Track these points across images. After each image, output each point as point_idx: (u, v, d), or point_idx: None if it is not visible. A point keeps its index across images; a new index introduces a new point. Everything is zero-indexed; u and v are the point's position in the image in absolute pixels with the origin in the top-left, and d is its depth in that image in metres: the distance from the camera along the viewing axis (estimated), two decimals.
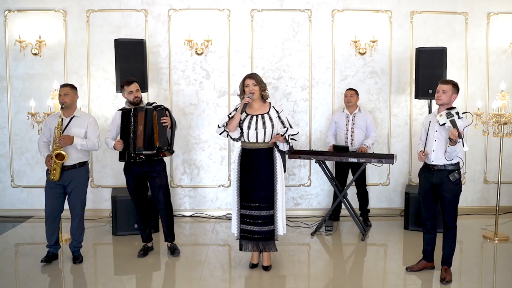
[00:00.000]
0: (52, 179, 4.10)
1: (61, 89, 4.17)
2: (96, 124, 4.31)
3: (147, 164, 4.31)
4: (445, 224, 3.86)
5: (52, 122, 4.20)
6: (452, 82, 3.82)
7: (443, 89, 3.78)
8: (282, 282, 3.92)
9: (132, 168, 4.34)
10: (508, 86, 5.42)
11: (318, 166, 5.22)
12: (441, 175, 3.81)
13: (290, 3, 5.77)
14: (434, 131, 3.83)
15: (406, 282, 3.92)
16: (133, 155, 4.25)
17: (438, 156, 3.80)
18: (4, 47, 5.68)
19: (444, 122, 3.68)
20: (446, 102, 3.78)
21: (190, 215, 5.87)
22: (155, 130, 4.24)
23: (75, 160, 4.16)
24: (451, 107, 3.77)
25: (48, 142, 4.23)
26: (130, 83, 4.30)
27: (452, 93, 3.78)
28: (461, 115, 3.70)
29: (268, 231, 3.99)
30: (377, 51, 5.80)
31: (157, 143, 4.23)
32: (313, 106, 5.87)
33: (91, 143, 4.18)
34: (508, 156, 5.96)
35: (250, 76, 3.97)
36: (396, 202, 5.98)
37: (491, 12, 5.87)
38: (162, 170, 4.41)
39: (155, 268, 4.25)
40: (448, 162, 3.77)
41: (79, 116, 4.23)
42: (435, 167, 3.83)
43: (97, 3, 5.68)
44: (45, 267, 4.18)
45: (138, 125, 4.23)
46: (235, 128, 3.93)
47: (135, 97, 4.29)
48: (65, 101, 4.11)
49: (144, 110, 4.26)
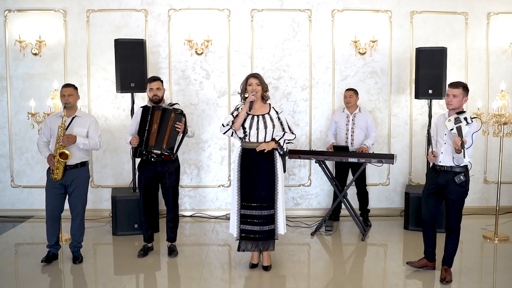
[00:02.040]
0: (54, 178, 4.09)
1: (64, 89, 4.17)
2: (97, 123, 4.33)
3: (160, 164, 4.33)
4: (448, 226, 3.84)
5: (52, 122, 4.20)
6: (462, 84, 3.73)
7: (454, 94, 3.70)
8: (282, 282, 3.92)
9: (146, 166, 4.37)
10: (508, 86, 5.42)
11: (318, 166, 5.22)
12: (447, 176, 3.79)
13: (290, 3, 5.77)
14: (444, 134, 3.80)
15: (406, 282, 3.92)
16: (144, 152, 4.27)
17: (446, 158, 3.78)
18: (4, 47, 5.68)
19: (452, 128, 3.64)
20: (456, 107, 3.72)
21: (190, 215, 5.87)
22: (167, 131, 4.26)
23: (77, 160, 4.16)
24: (461, 111, 3.71)
25: (48, 142, 4.23)
26: (152, 80, 4.37)
27: (463, 96, 3.71)
28: (469, 120, 3.65)
29: (269, 231, 3.99)
30: (377, 51, 5.80)
31: (164, 145, 4.25)
32: (313, 106, 5.87)
33: (93, 142, 4.19)
34: (508, 156, 5.96)
35: (254, 76, 4.01)
36: (396, 202, 5.98)
37: (491, 12, 5.87)
38: (174, 171, 4.42)
39: (155, 268, 4.25)
40: (455, 164, 3.75)
41: (80, 116, 4.24)
42: (442, 168, 3.81)
43: (97, 3, 5.68)
44: (45, 267, 4.17)
45: (154, 123, 4.27)
46: (239, 126, 3.95)
47: (154, 95, 4.33)
48: (69, 101, 4.12)
49: (162, 110, 4.28)
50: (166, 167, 4.35)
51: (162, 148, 4.24)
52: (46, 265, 4.20)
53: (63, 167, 4.09)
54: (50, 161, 4.09)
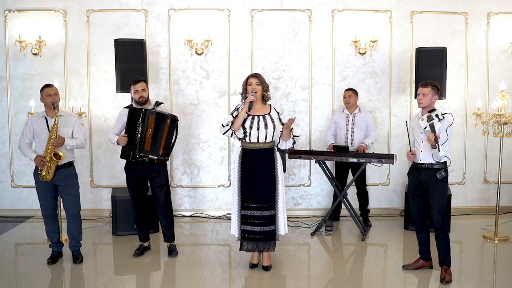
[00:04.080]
0: (46, 178, 4.07)
1: (49, 88, 4.12)
2: (80, 122, 4.35)
3: (147, 164, 4.32)
4: (434, 226, 3.87)
5: (34, 123, 4.16)
6: (431, 83, 3.86)
7: (423, 93, 3.83)
8: (282, 282, 3.92)
9: (133, 167, 4.35)
10: (508, 86, 5.42)
11: (318, 166, 5.22)
12: (428, 173, 3.85)
13: (290, 3, 5.77)
14: (420, 133, 3.90)
15: (406, 282, 3.92)
16: (137, 156, 4.25)
17: (426, 156, 3.87)
18: (4, 47, 5.68)
19: (426, 126, 3.76)
20: (427, 105, 3.84)
21: (190, 215, 5.87)
22: (163, 138, 4.25)
23: (65, 160, 4.15)
24: (432, 109, 3.83)
25: (30, 143, 4.20)
26: (136, 82, 4.30)
27: (433, 95, 3.82)
28: (441, 116, 3.75)
29: (269, 231, 3.99)
30: (377, 51, 5.80)
31: (161, 151, 4.26)
32: (313, 106, 5.88)
33: (79, 141, 4.20)
34: (508, 156, 5.96)
35: (254, 75, 4.00)
36: (396, 202, 5.98)
37: (491, 12, 5.87)
38: (163, 170, 4.41)
39: (155, 268, 4.25)
40: (435, 161, 3.82)
41: (63, 115, 4.21)
42: (423, 166, 3.88)
43: (97, 3, 5.68)
44: (45, 267, 4.17)
45: (148, 127, 4.23)
46: (239, 127, 3.94)
47: (140, 96, 4.28)
48: (56, 100, 4.09)
49: (156, 114, 4.25)
50: (154, 167, 4.34)
51: (159, 154, 4.25)
52: (47, 265, 4.19)
53: (55, 166, 4.07)
54: (41, 162, 4.03)
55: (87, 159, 5.80)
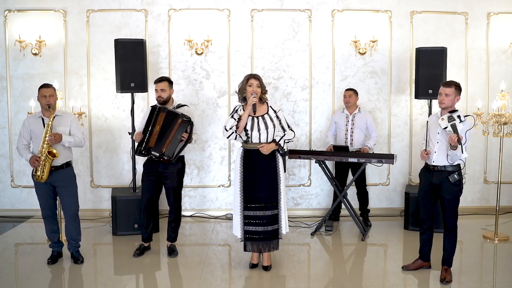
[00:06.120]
0: (41, 179, 4.05)
1: (45, 89, 4.08)
2: (78, 121, 4.34)
3: (162, 164, 4.33)
4: (445, 226, 3.86)
5: (31, 123, 4.15)
6: (454, 83, 3.76)
7: (446, 93, 3.72)
8: (282, 282, 3.92)
9: (149, 165, 4.40)
10: (508, 86, 5.42)
11: (318, 166, 5.22)
12: (440, 176, 3.80)
13: (290, 3, 5.77)
14: (437, 133, 3.81)
15: (405, 282, 3.92)
16: (143, 151, 4.28)
17: (440, 158, 3.80)
18: (4, 47, 5.68)
19: (446, 126, 3.66)
20: (449, 106, 3.74)
21: (190, 215, 5.87)
22: (170, 136, 4.23)
23: (62, 160, 4.14)
24: (454, 110, 3.74)
25: (28, 144, 4.19)
26: (158, 81, 4.37)
27: (455, 95, 3.73)
28: (463, 118, 3.68)
29: (272, 231, 4.00)
30: (377, 51, 5.80)
31: (164, 149, 4.23)
32: (313, 106, 5.87)
33: (77, 139, 4.18)
34: (508, 156, 5.96)
35: (255, 77, 3.99)
36: (396, 202, 5.98)
37: (491, 12, 5.87)
38: (176, 172, 4.40)
39: (155, 268, 4.25)
40: (448, 163, 3.77)
41: (60, 115, 4.20)
42: (435, 168, 3.83)
43: (97, 3, 5.68)
44: (45, 267, 4.18)
45: (156, 124, 4.26)
46: (243, 130, 3.95)
47: (158, 96, 4.34)
48: (50, 102, 4.06)
49: (166, 112, 4.26)
50: (168, 168, 4.35)
51: (161, 152, 4.23)
52: (47, 265, 4.20)
53: (50, 165, 4.05)
54: (35, 162, 4.02)
55: (87, 159, 5.80)
